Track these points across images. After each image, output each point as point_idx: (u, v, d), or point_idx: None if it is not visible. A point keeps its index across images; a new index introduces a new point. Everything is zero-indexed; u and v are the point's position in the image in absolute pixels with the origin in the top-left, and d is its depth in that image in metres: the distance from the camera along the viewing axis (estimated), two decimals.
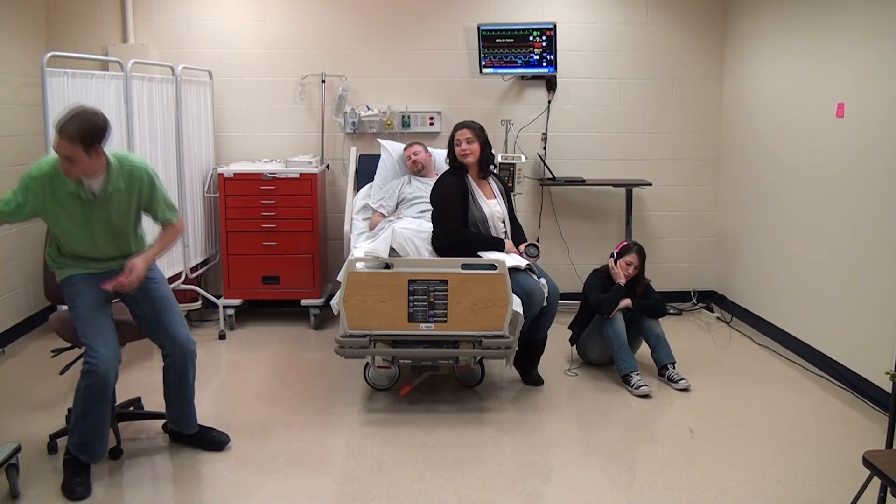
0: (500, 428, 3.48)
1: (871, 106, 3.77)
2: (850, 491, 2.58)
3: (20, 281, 4.68)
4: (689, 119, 5.46)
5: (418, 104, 5.31)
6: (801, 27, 4.39)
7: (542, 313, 3.78)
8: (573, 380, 4.10)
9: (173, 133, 4.63)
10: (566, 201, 5.48)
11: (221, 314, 4.89)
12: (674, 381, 3.96)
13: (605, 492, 2.92)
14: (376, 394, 3.86)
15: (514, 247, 3.89)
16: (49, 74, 3.65)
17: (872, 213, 3.76)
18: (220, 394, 3.94)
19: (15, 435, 3.26)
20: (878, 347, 3.65)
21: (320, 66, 5.26)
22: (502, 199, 4.00)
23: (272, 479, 2.99)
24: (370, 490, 2.90)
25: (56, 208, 2.86)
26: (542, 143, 5.37)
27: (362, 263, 3.62)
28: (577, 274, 5.26)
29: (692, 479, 3.01)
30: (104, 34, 5.15)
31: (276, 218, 4.93)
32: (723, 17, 5.36)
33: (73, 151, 2.71)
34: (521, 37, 5.13)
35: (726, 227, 5.45)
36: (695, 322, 5.24)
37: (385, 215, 4.44)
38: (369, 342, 3.47)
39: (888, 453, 2.34)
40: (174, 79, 4.60)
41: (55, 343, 3.18)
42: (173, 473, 3.04)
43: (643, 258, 4.15)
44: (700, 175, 5.52)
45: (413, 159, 4.60)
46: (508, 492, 2.90)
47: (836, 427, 3.51)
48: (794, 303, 4.51)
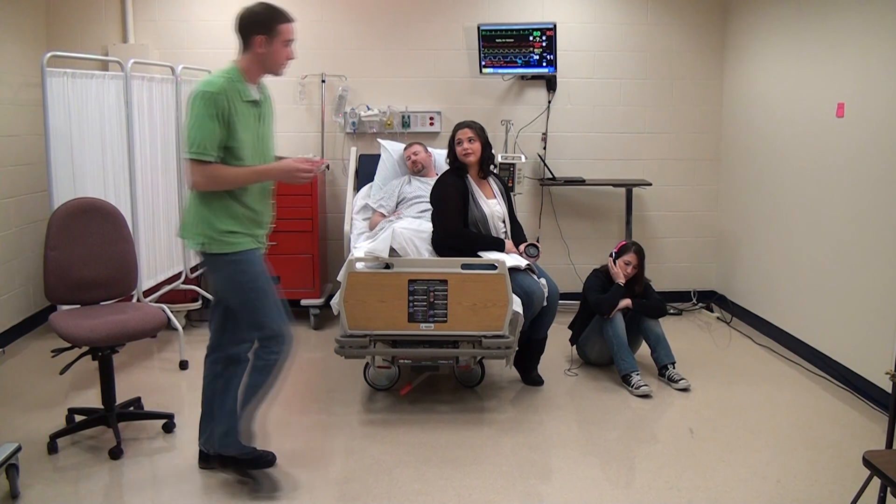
0: (500, 428, 3.48)
1: (871, 106, 3.76)
2: (850, 491, 2.58)
3: (20, 281, 4.68)
4: (689, 119, 5.46)
5: (418, 104, 5.31)
6: (801, 27, 4.39)
7: (542, 313, 3.79)
8: (573, 380, 4.10)
9: (173, 133, 4.63)
10: (566, 201, 5.48)
11: None
12: (674, 381, 3.96)
13: (605, 492, 2.92)
14: (376, 394, 3.86)
15: (514, 247, 3.89)
16: (49, 74, 3.65)
17: (872, 212, 3.76)
18: None
19: (15, 435, 3.26)
20: (878, 347, 3.65)
21: (320, 66, 5.26)
22: (502, 199, 4.00)
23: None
24: (370, 490, 2.90)
25: (236, 120, 2.67)
26: (542, 143, 5.37)
27: (362, 263, 3.62)
28: (577, 274, 5.26)
29: (692, 479, 3.01)
30: (104, 34, 5.15)
31: (275, 218, 4.91)
32: (723, 17, 5.37)
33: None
34: (521, 37, 5.13)
35: (726, 227, 5.45)
36: (695, 322, 5.24)
37: (385, 215, 4.44)
38: (369, 342, 3.47)
39: (888, 453, 2.34)
40: (174, 79, 4.60)
41: (55, 343, 3.18)
42: (173, 474, 3.04)
43: (642, 258, 4.15)
44: (700, 175, 5.52)
45: (413, 159, 4.60)
46: (508, 492, 2.90)
47: (836, 427, 3.51)
48: (794, 303, 4.51)
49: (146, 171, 4.37)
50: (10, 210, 4.55)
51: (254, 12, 2.70)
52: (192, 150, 2.61)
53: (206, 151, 2.61)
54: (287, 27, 2.73)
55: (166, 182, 4.60)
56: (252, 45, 2.70)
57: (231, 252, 2.75)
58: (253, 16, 2.70)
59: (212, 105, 2.60)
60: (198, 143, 2.60)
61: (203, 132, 2.60)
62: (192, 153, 2.62)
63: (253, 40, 2.69)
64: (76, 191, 3.81)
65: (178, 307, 4.81)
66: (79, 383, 3.92)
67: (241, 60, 2.74)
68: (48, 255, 3.21)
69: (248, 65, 2.73)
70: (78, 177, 3.88)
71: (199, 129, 2.60)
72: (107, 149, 4.07)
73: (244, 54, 2.73)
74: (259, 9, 2.71)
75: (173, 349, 4.49)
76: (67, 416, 3.41)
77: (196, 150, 2.61)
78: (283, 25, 2.71)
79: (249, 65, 2.73)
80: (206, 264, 2.87)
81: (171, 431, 3.39)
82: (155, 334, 3.47)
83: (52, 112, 3.70)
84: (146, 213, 4.36)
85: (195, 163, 2.63)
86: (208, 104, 2.60)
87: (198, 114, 2.60)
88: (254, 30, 2.69)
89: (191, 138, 2.61)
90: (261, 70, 2.76)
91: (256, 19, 2.70)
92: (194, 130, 2.61)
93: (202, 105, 2.60)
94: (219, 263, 2.78)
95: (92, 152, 3.97)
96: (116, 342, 3.12)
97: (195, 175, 2.66)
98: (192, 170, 2.66)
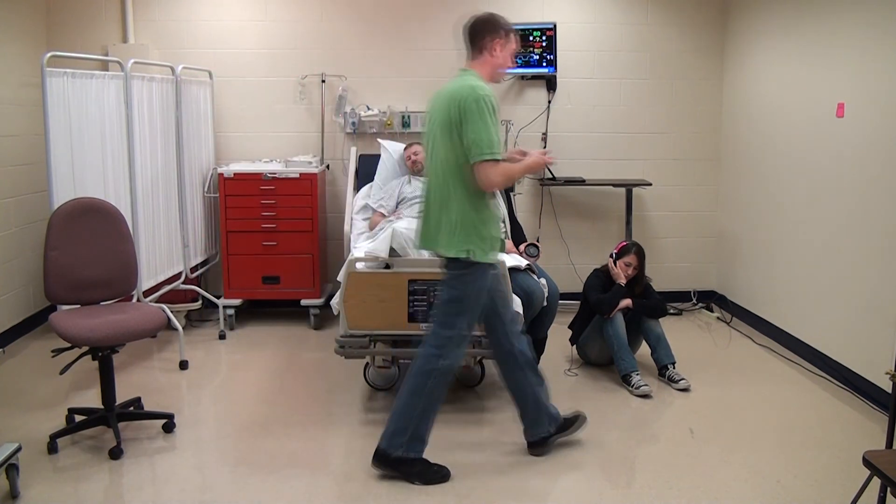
0: (500, 428, 3.48)
1: (871, 106, 3.76)
2: (850, 491, 2.58)
3: (20, 281, 4.68)
4: (689, 119, 5.46)
5: (418, 104, 5.31)
6: (801, 27, 4.39)
7: (542, 313, 3.78)
8: (573, 380, 4.10)
9: (173, 133, 4.63)
10: (566, 201, 5.48)
11: (221, 314, 4.89)
12: (674, 381, 3.96)
13: (605, 492, 2.92)
14: (376, 394, 3.86)
15: (514, 247, 3.89)
16: (49, 74, 3.65)
17: (872, 212, 3.76)
18: (220, 394, 3.94)
19: (15, 435, 3.27)
20: (878, 347, 3.65)
21: (320, 66, 5.26)
22: (501, 199, 4.00)
23: (272, 479, 2.99)
24: (370, 490, 2.90)
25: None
26: (542, 143, 5.37)
27: (362, 263, 3.62)
28: (577, 274, 5.26)
29: (692, 479, 3.01)
30: (104, 34, 5.15)
31: (276, 218, 4.93)
32: (723, 17, 5.37)
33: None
34: (521, 37, 5.12)
35: (726, 227, 5.45)
36: (695, 322, 5.24)
37: (385, 215, 4.44)
38: (369, 342, 3.47)
39: (888, 453, 2.34)
40: (174, 79, 4.60)
41: (55, 343, 3.18)
42: (173, 473, 3.04)
43: (642, 258, 4.14)
44: (700, 175, 5.52)
45: (413, 159, 4.60)
46: (508, 492, 2.90)
47: (836, 427, 3.51)
48: (794, 303, 4.51)
49: (146, 171, 4.37)
50: (10, 210, 4.55)
51: (491, 17, 2.90)
52: (486, 151, 2.72)
53: (497, 151, 2.74)
54: (516, 35, 2.96)
55: (166, 182, 4.60)
56: (489, 49, 2.89)
57: (492, 263, 2.92)
58: (492, 21, 2.89)
59: (491, 106, 2.75)
60: (491, 144, 2.72)
61: (490, 133, 2.73)
62: (488, 154, 2.72)
63: (492, 44, 2.88)
64: (76, 191, 3.81)
65: (178, 307, 4.81)
66: (79, 383, 3.93)
67: (475, 65, 2.91)
68: (48, 255, 3.21)
69: (483, 68, 2.91)
70: (78, 177, 3.88)
71: (487, 131, 2.72)
72: (107, 149, 4.07)
73: (477, 59, 2.91)
74: (493, 16, 2.91)
75: (173, 349, 4.49)
76: (67, 416, 3.41)
77: (491, 150, 2.72)
78: (514, 33, 2.94)
79: (484, 68, 2.91)
80: (460, 271, 2.90)
81: (171, 431, 3.39)
82: (155, 334, 3.48)
83: (52, 112, 3.70)
84: (146, 213, 4.36)
85: (490, 163, 2.73)
86: (489, 106, 2.74)
87: (482, 116, 2.72)
88: (493, 35, 2.88)
89: (483, 140, 2.72)
90: (492, 74, 2.93)
91: (496, 25, 2.89)
92: (483, 132, 2.72)
93: (484, 107, 2.73)
94: (480, 271, 2.89)
95: (92, 152, 3.97)
96: (116, 342, 3.12)
97: (493, 175, 2.75)
98: (489, 171, 2.74)
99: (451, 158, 2.80)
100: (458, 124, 2.75)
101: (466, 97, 2.73)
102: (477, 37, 2.88)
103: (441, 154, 2.84)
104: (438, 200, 2.87)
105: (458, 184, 2.81)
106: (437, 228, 2.89)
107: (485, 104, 2.72)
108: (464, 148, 2.76)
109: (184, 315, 4.94)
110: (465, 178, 2.80)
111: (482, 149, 2.71)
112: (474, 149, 2.72)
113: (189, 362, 4.26)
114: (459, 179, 2.80)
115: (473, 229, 2.83)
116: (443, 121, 2.81)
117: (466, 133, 2.74)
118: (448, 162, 2.81)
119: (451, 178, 2.82)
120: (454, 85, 2.83)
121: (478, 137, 2.71)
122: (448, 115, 2.78)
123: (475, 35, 2.88)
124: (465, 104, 2.73)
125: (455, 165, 2.80)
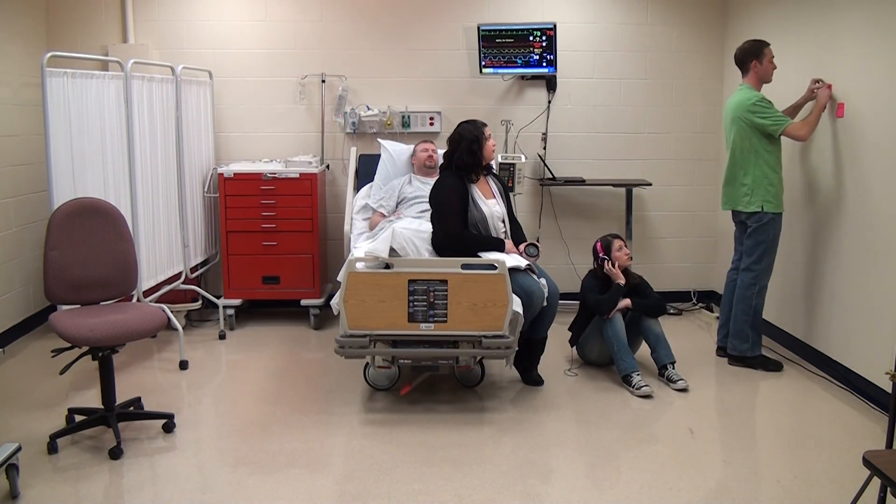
0: (500, 428, 3.48)
1: (871, 106, 3.77)
2: (850, 491, 2.58)
3: (20, 281, 4.68)
4: (689, 119, 5.46)
5: (418, 104, 5.31)
6: (802, 27, 4.39)
7: (542, 313, 3.79)
8: (573, 380, 4.10)
9: (173, 133, 4.63)
10: (566, 201, 5.48)
11: (221, 314, 4.89)
12: (672, 381, 3.96)
13: (605, 492, 2.92)
14: (376, 394, 3.86)
15: (514, 247, 3.89)
16: (49, 74, 3.65)
17: (872, 212, 3.76)
18: (220, 394, 3.95)
19: (15, 435, 3.27)
20: (878, 347, 3.65)
21: (320, 66, 5.26)
22: (501, 199, 4.00)
23: (272, 479, 2.99)
24: (370, 490, 2.90)
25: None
26: (542, 143, 5.37)
27: (362, 263, 3.62)
28: (577, 274, 5.25)
29: (692, 479, 3.01)
30: (104, 34, 5.15)
31: (276, 218, 4.93)
32: (723, 17, 5.37)
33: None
34: (521, 37, 5.13)
35: (726, 227, 5.43)
36: (695, 322, 5.24)
37: (385, 215, 4.44)
38: (369, 342, 3.47)
39: (888, 453, 2.34)
40: (174, 79, 4.60)
41: (55, 343, 3.18)
42: (173, 473, 3.04)
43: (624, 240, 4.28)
44: (700, 175, 5.52)
45: (431, 154, 4.56)
46: (508, 492, 2.90)
47: (836, 427, 3.51)
48: (793, 303, 4.51)
49: (146, 171, 4.37)
50: (10, 210, 4.55)
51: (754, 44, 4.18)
52: (783, 123, 4.00)
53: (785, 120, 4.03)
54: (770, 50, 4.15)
55: (166, 182, 4.61)
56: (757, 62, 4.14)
57: (781, 213, 4.11)
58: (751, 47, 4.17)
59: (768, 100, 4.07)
60: (782, 118, 4.03)
61: (777, 112, 4.04)
62: (783, 123, 4.01)
63: (751, 65, 4.13)
64: (76, 191, 3.81)
65: (178, 307, 4.81)
66: (79, 383, 3.93)
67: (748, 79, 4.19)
68: (48, 255, 3.21)
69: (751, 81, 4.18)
70: (78, 177, 3.88)
71: (775, 112, 4.03)
72: (107, 149, 4.07)
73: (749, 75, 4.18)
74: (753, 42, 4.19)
75: (173, 349, 4.49)
76: (67, 416, 3.41)
77: (783, 121, 4.01)
78: (767, 48, 4.13)
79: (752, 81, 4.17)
80: (758, 224, 4.11)
81: (171, 431, 3.39)
82: (155, 334, 3.48)
83: (52, 112, 3.70)
84: (146, 213, 4.36)
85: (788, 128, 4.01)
86: (766, 100, 4.06)
87: (770, 108, 4.02)
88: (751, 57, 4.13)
89: (779, 119, 4.01)
90: (759, 83, 4.17)
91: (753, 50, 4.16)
92: (775, 115, 4.01)
93: (766, 102, 4.05)
94: (773, 222, 4.09)
95: (92, 152, 3.97)
96: (116, 342, 3.12)
97: (802, 132, 4.00)
98: (796, 133, 4.01)
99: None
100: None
101: (745, 100, 4.10)
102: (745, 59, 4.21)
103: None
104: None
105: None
106: (731, 186, 4.26)
107: (762, 100, 4.07)
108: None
109: (184, 315, 4.94)
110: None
111: (781, 123, 4.02)
112: (772, 127, 4.05)
113: (189, 362, 4.26)
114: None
115: (770, 183, 4.07)
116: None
117: (761, 123, 4.09)
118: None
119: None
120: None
121: (774, 120, 4.05)
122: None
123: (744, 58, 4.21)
124: (744, 108, 4.09)
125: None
